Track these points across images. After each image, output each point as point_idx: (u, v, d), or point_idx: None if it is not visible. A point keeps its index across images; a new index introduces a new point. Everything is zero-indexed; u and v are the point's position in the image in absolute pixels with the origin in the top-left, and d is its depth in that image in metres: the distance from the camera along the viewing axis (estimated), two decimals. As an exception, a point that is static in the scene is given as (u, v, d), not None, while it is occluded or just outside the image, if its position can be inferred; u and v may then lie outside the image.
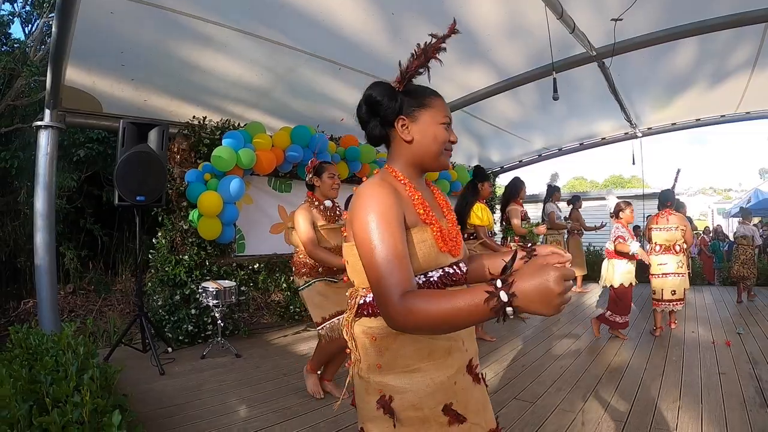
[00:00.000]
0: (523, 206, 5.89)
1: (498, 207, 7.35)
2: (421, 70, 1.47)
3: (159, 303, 5.15)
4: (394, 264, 1.20)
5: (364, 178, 7.09)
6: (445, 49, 1.48)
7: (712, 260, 12.13)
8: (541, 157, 10.66)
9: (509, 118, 8.14)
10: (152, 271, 5.28)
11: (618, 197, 6.78)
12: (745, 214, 8.82)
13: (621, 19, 4.81)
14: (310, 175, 3.66)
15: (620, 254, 5.25)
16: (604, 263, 5.56)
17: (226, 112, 5.85)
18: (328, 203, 3.63)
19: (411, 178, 1.47)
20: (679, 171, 6.85)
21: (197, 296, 5.14)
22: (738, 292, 8.03)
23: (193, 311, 5.18)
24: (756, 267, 8.12)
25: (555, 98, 4.77)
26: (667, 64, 6.52)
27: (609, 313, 5.36)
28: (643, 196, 12.05)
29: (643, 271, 5.97)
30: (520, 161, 11.06)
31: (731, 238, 11.66)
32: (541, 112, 8.11)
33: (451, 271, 1.43)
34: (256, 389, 3.94)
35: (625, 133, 9.78)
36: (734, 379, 4.06)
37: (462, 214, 5.01)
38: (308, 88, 5.87)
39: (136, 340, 4.94)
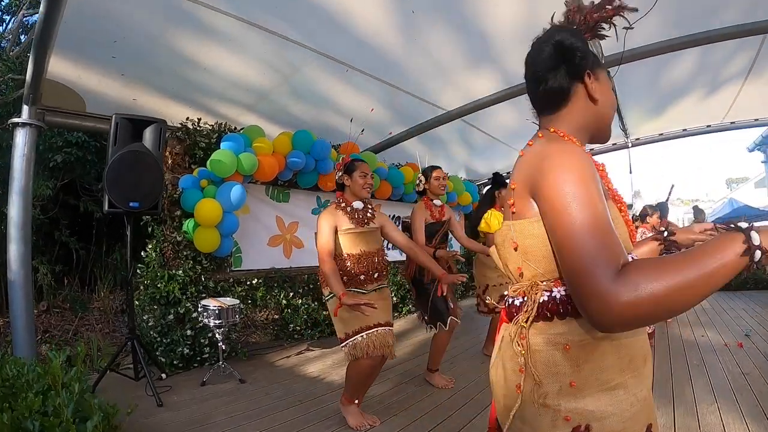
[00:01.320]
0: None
1: None
2: (605, 26, 1.27)
3: (150, 323, 4.55)
4: (606, 236, 0.92)
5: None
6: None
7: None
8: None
9: (507, 127, 7.90)
10: (141, 288, 4.68)
11: None
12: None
13: (632, 28, 4.63)
14: (340, 173, 3.31)
15: None
16: None
17: (220, 115, 5.37)
18: (358, 204, 3.23)
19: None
20: (673, 186, 7.27)
21: (194, 316, 4.59)
22: None
23: (188, 332, 4.61)
24: None
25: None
26: (667, 75, 6.51)
27: None
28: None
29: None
30: (508, 173, 10.83)
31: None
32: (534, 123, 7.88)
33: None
34: (273, 420, 3.44)
35: (613, 144, 9.73)
36: (759, 379, 4.11)
37: (474, 223, 4.79)
38: (311, 90, 5.47)
39: (124, 364, 4.33)
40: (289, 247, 6.04)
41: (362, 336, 2.99)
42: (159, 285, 4.53)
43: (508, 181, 4.92)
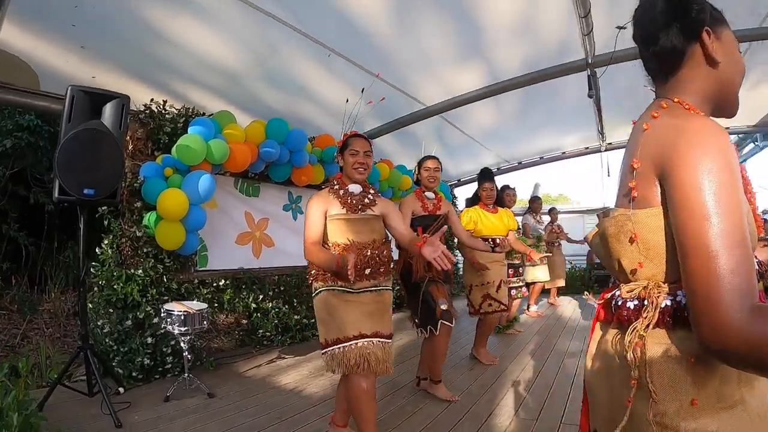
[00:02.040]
0: None
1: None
2: None
3: (105, 330, 3.98)
4: (743, 252, 0.78)
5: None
6: None
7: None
8: (499, 170, 10.34)
9: (484, 126, 7.74)
10: (95, 289, 4.10)
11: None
12: None
13: (625, 27, 4.52)
14: (336, 152, 2.89)
15: None
16: None
17: (187, 99, 4.84)
18: (354, 188, 2.71)
19: None
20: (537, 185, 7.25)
21: (154, 321, 4.07)
22: None
23: (149, 340, 4.06)
24: None
25: (591, 96, 4.83)
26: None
27: None
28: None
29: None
30: (472, 177, 10.71)
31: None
32: (518, 122, 7.83)
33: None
34: (254, 440, 2.98)
35: (586, 148, 9.76)
36: None
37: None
38: (288, 76, 5.07)
39: (76, 375, 3.77)
40: (258, 245, 5.56)
41: (340, 348, 2.46)
42: (115, 286, 3.97)
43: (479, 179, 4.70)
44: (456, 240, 4.39)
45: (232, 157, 4.63)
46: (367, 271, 2.55)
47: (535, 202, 7.67)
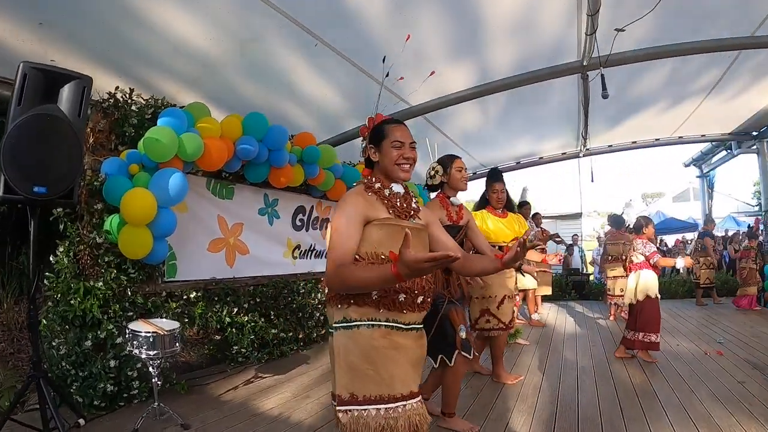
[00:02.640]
0: None
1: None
2: None
3: (61, 352, 3.47)
4: None
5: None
6: None
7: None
8: (475, 175, 10.20)
9: (466, 129, 7.57)
10: (50, 303, 3.57)
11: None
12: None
13: (624, 30, 4.47)
14: (365, 142, 2.08)
15: (655, 267, 5.11)
16: (632, 277, 5.22)
17: (157, 89, 4.39)
18: (398, 188, 2.01)
19: None
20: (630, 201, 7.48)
21: (118, 341, 3.59)
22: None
23: (111, 363, 3.56)
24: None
25: (605, 96, 4.62)
26: (639, 84, 6.61)
27: (642, 334, 5.01)
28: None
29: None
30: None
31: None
32: (500, 126, 7.70)
33: None
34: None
35: (563, 153, 9.77)
36: (758, 387, 4.09)
37: None
38: (269, 67, 4.71)
39: (30, 402, 3.26)
40: (232, 253, 5.11)
41: (380, 409, 1.76)
42: (72, 301, 3.46)
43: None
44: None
45: (206, 154, 4.19)
46: (420, 300, 1.88)
47: (524, 207, 7.52)
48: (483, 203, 4.39)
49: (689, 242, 15.53)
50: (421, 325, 1.96)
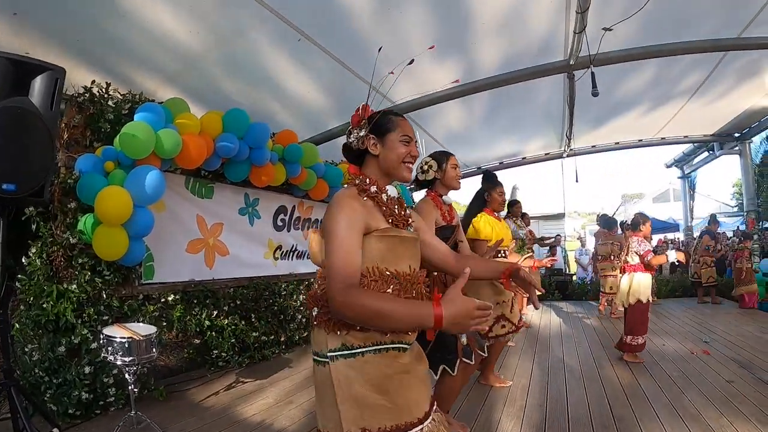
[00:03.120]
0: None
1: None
2: None
3: (34, 358, 3.35)
4: None
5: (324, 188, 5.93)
6: None
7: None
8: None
9: (450, 129, 7.59)
10: (21, 307, 3.45)
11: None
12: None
13: (611, 29, 4.51)
14: (361, 132, 1.74)
15: (648, 267, 5.11)
16: (626, 279, 5.24)
17: (134, 83, 4.30)
18: (392, 191, 1.79)
19: None
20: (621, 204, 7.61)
21: (93, 346, 3.49)
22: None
23: (86, 369, 3.46)
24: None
25: (595, 94, 4.61)
26: (624, 85, 6.71)
27: (630, 337, 5.04)
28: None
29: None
30: (410, 187, 10.60)
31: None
32: (484, 126, 7.74)
33: None
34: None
35: (546, 154, 9.84)
36: (747, 386, 4.14)
37: (465, 227, 4.00)
38: (251, 62, 4.64)
39: (1, 411, 3.15)
40: (211, 254, 5.02)
41: None
42: (45, 305, 3.35)
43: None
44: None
45: (185, 151, 4.09)
46: None
47: (515, 206, 7.53)
48: (481, 205, 4.23)
49: (671, 242, 15.83)
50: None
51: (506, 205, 7.48)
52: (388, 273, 1.60)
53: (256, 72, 4.79)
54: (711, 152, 11.24)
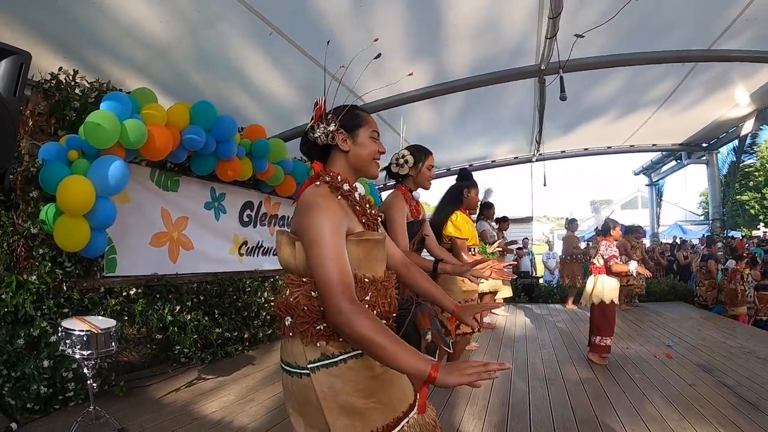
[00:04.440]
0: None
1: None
2: None
3: (-9, 351, 3.38)
4: None
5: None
6: None
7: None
8: (430, 177, 10.45)
9: (421, 130, 7.79)
10: (-22, 298, 3.48)
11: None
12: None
13: (583, 36, 4.74)
14: (329, 128, 1.70)
15: (612, 273, 5.32)
16: (591, 280, 5.54)
17: (102, 72, 4.35)
18: (360, 188, 1.79)
19: None
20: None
21: (52, 340, 3.55)
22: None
23: (45, 363, 3.51)
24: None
25: (563, 98, 4.82)
26: (594, 92, 6.97)
27: (599, 338, 5.29)
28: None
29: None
30: (385, 184, 10.66)
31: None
32: (455, 128, 7.96)
33: None
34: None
35: (515, 157, 10.10)
36: (706, 390, 4.35)
37: (439, 223, 4.10)
38: (221, 54, 4.73)
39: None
40: (175, 248, 5.09)
41: None
42: (4, 296, 3.40)
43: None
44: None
45: (150, 142, 4.14)
46: (391, 320, 1.75)
47: (490, 209, 7.72)
48: (456, 203, 4.28)
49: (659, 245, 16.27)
50: None
51: (480, 206, 7.71)
52: (366, 280, 1.59)
53: (226, 65, 4.87)
54: (679, 161, 11.75)
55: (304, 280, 1.57)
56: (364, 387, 1.55)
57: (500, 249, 7.13)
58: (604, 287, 5.31)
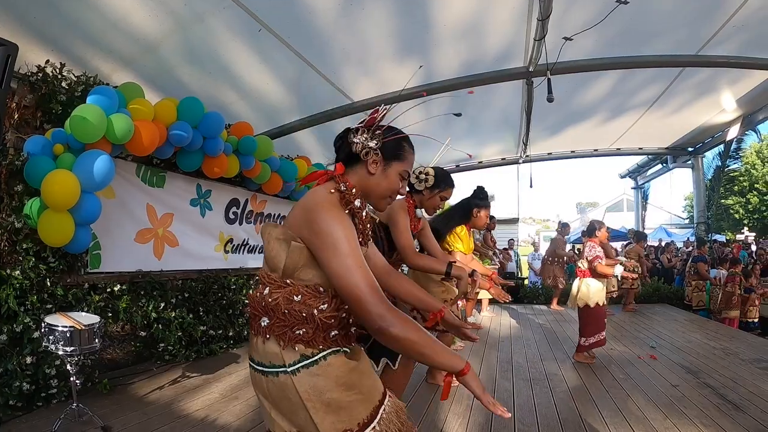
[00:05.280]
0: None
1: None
2: None
3: (-27, 347, 3.37)
4: None
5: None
6: None
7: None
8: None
9: (408, 129, 7.72)
10: (-40, 293, 3.46)
11: None
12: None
13: (572, 39, 4.82)
14: (369, 143, 1.65)
15: (596, 275, 5.38)
16: (576, 283, 5.59)
17: (90, 66, 4.36)
18: (357, 203, 1.69)
19: None
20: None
21: (35, 336, 3.55)
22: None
23: (28, 359, 3.52)
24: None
25: (550, 100, 4.89)
26: (582, 95, 7.06)
27: (584, 339, 5.39)
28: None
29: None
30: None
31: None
32: (442, 128, 8.00)
33: None
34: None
35: (503, 159, 10.20)
36: (691, 391, 4.44)
37: (441, 233, 4.10)
38: (209, 50, 4.74)
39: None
40: (160, 244, 5.10)
41: (374, 427, 1.63)
42: (-14, 290, 3.38)
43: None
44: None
45: (136, 137, 4.14)
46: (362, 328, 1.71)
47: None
48: (464, 218, 4.30)
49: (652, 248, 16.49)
50: None
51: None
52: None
53: (214, 61, 4.88)
54: (664, 165, 11.95)
55: (287, 281, 1.55)
56: (346, 381, 1.56)
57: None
58: (589, 290, 5.37)
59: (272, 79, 5.42)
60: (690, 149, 10.76)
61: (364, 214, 1.68)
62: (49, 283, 3.84)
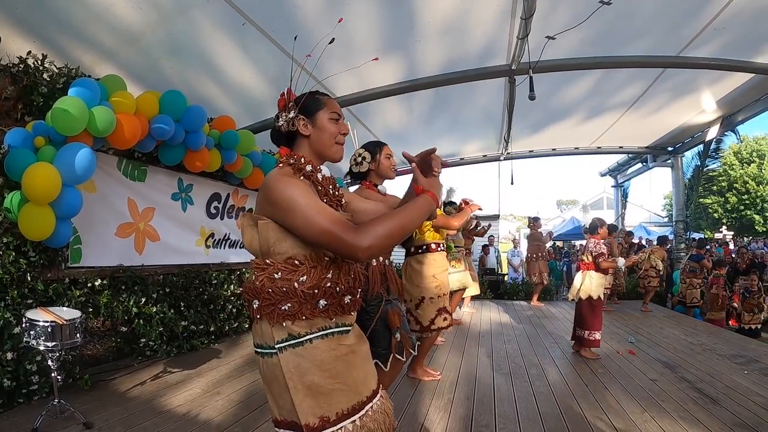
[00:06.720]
0: None
1: None
2: None
3: (-48, 341, 3.37)
4: None
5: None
6: None
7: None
8: (397, 172, 10.58)
9: (390, 125, 7.95)
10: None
11: None
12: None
13: (555, 38, 4.92)
14: (290, 115, 1.76)
15: (600, 269, 5.61)
16: (578, 276, 5.83)
17: (72, 58, 4.36)
18: (326, 171, 1.84)
19: None
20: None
21: (15, 331, 3.57)
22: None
23: (8, 355, 3.52)
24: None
25: (532, 98, 4.98)
26: (563, 93, 7.19)
27: (588, 332, 5.58)
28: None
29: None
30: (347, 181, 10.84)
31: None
32: (424, 124, 8.12)
33: None
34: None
35: (484, 156, 10.32)
36: (668, 385, 4.56)
37: None
38: (192, 44, 4.76)
39: None
40: (141, 239, 5.12)
41: (354, 420, 1.66)
42: (-34, 285, 3.38)
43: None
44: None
45: (118, 130, 4.18)
46: (358, 296, 1.79)
47: (451, 207, 7.87)
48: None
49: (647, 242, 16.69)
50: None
51: (444, 205, 7.85)
52: (327, 258, 1.64)
53: (197, 54, 4.91)
54: (644, 164, 12.17)
55: (267, 261, 1.62)
56: (330, 368, 1.61)
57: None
58: (592, 283, 5.61)
59: (256, 74, 5.44)
60: (670, 149, 10.98)
61: (320, 176, 1.75)
62: (29, 278, 3.85)
